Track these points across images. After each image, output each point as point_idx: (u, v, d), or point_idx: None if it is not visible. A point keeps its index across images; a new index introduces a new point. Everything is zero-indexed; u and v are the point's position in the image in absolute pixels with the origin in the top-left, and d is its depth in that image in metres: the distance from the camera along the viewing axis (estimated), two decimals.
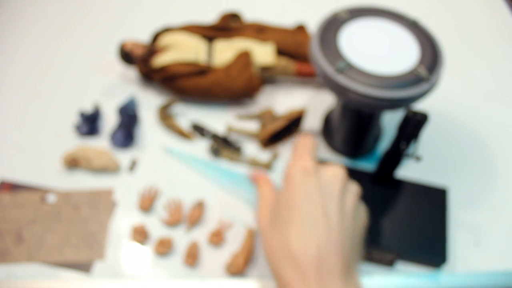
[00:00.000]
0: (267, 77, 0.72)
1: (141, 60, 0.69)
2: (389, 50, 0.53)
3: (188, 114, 0.69)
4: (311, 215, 0.36)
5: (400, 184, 0.60)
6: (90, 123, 0.66)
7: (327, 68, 0.50)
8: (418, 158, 0.52)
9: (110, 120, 0.68)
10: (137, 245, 0.56)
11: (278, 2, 0.89)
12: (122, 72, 0.74)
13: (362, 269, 0.55)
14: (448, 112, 0.72)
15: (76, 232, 0.57)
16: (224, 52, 0.70)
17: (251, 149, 0.66)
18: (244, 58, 0.68)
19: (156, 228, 0.57)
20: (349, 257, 0.36)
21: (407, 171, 0.63)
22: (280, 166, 0.64)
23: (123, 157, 0.64)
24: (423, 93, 0.50)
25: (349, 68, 0.50)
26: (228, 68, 0.67)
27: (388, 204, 0.58)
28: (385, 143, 0.67)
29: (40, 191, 0.60)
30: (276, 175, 0.62)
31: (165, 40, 0.70)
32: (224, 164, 0.64)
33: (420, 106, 0.66)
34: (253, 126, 0.68)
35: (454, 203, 0.61)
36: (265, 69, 0.70)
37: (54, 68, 0.76)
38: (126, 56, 0.69)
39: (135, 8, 0.87)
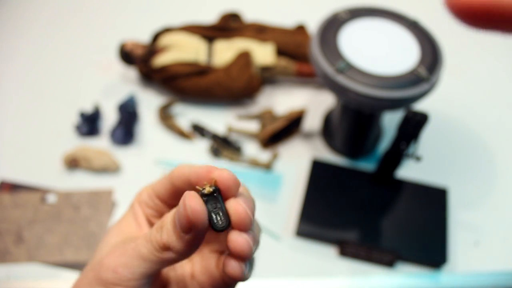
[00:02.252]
0: (267, 77, 0.72)
1: (141, 60, 0.69)
2: (389, 50, 0.53)
3: (188, 114, 0.69)
4: None
5: (400, 184, 0.60)
6: (90, 123, 0.66)
7: (327, 68, 0.50)
8: (418, 158, 0.52)
9: (110, 120, 0.68)
10: None
11: (278, 2, 0.89)
12: (122, 72, 0.74)
13: (362, 269, 0.55)
14: (448, 112, 0.72)
15: (76, 232, 0.57)
16: (224, 52, 0.70)
17: (251, 149, 0.66)
18: (244, 58, 0.68)
19: None
20: None
21: (407, 171, 0.63)
22: (280, 166, 0.64)
23: (123, 156, 0.64)
24: (423, 93, 0.50)
25: (349, 68, 0.50)
26: (228, 68, 0.67)
27: (388, 204, 0.58)
28: (385, 143, 0.67)
29: (40, 191, 0.60)
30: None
31: (165, 40, 0.70)
32: (223, 164, 0.64)
33: (420, 106, 0.66)
34: (253, 126, 0.68)
35: (454, 203, 0.61)
36: (265, 69, 0.70)
37: (54, 68, 0.76)
38: (126, 56, 0.69)
39: (135, 8, 0.87)
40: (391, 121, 0.69)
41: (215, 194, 0.25)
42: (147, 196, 0.30)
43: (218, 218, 0.25)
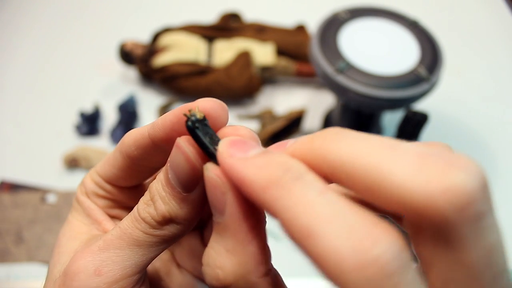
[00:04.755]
0: (267, 77, 0.72)
1: (141, 60, 0.69)
2: (389, 50, 0.53)
3: None
4: None
5: None
6: (90, 123, 0.66)
7: (327, 68, 0.50)
8: None
9: (110, 120, 0.68)
10: None
11: (278, 2, 0.89)
12: (122, 72, 0.74)
13: None
14: (448, 112, 0.72)
15: None
16: (224, 52, 0.70)
17: None
18: (244, 58, 0.68)
19: None
20: None
21: None
22: None
23: None
24: (423, 93, 0.50)
25: (349, 68, 0.50)
26: (228, 68, 0.67)
27: None
28: None
29: (40, 191, 0.60)
30: None
31: (165, 40, 0.70)
32: None
33: (420, 106, 0.66)
34: (253, 126, 0.68)
35: None
36: (265, 69, 0.70)
37: (54, 68, 0.76)
38: (126, 56, 0.69)
39: (135, 8, 0.87)
40: (391, 121, 0.69)
41: (204, 122, 0.19)
42: (93, 183, 0.24)
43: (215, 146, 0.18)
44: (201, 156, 0.18)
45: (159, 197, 0.19)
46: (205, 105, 0.19)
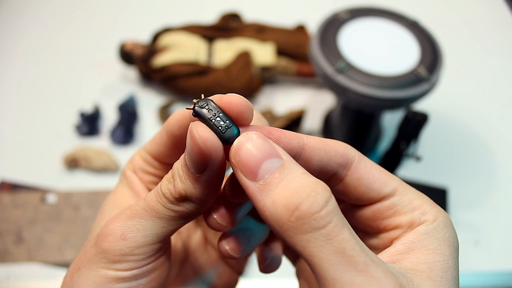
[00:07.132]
0: (267, 77, 0.72)
1: (141, 60, 0.69)
2: (389, 50, 0.53)
3: None
4: None
5: None
6: (90, 123, 0.66)
7: (327, 68, 0.50)
8: (418, 158, 0.52)
9: (110, 120, 0.68)
10: None
11: (278, 2, 0.89)
12: (122, 72, 0.74)
13: None
14: (448, 112, 0.72)
15: (76, 232, 0.57)
16: (224, 52, 0.70)
17: None
18: (244, 58, 0.68)
19: None
20: None
21: (407, 171, 0.63)
22: None
23: (123, 156, 0.64)
24: (423, 93, 0.50)
25: (349, 68, 0.50)
26: (228, 68, 0.67)
27: None
28: (385, 143, 0.67)
29: (40, 191, 0.60)
30: None
31: (165, 40, 0.70)
32: None
33: (420, 106, 0.66)
34: None
35: (454, 203, 0.61)
36: (265, 69, 0.70)
37: (54, 68, 0.76)
38: (126, 56, 0.69)
39: (135, 8, 0.87)
40: (391, 121, 0.69)
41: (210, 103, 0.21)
42: (141, 160, 0.26)
43: (221, 123, 0.20)
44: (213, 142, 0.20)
45: (178, 176, 0.22)
46: (231, 100, 0.21)
